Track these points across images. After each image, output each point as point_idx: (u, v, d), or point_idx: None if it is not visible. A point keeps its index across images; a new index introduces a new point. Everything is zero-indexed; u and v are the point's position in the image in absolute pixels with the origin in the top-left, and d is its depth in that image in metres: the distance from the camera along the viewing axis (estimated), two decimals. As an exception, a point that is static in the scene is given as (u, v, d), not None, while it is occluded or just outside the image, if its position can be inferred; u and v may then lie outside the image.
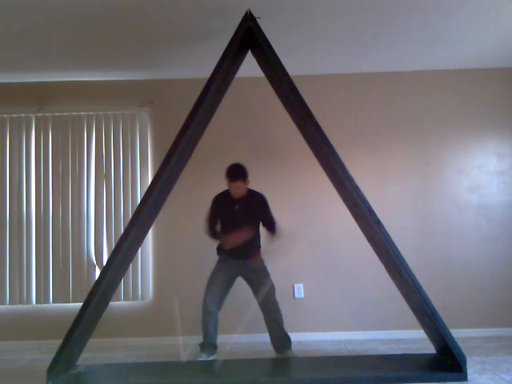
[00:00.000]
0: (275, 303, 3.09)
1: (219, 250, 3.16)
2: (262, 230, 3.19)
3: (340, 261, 3.71)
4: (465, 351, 2.64)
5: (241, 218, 3.06)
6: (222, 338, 3.18)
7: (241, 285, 3.16)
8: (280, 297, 3.16)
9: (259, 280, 3.08)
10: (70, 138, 3.80)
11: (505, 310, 3.66)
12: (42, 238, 3.72)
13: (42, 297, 3.67)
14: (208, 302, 3.04)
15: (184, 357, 3.18)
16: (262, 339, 3.48)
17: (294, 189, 3.75)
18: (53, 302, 3.67)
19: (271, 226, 3.12)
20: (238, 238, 2.99)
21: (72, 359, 2.84)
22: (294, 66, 3.23)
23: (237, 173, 3.01)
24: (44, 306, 3.68)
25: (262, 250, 3.15)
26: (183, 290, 3.68)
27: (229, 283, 3.11)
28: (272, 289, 3.09)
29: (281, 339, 3.09)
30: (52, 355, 2.62)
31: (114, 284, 3.00)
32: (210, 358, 3.04)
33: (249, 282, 3.13)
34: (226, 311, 3.19)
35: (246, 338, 3.62)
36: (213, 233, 3.14)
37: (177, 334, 3.51)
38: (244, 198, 3.10)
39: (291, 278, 3.71)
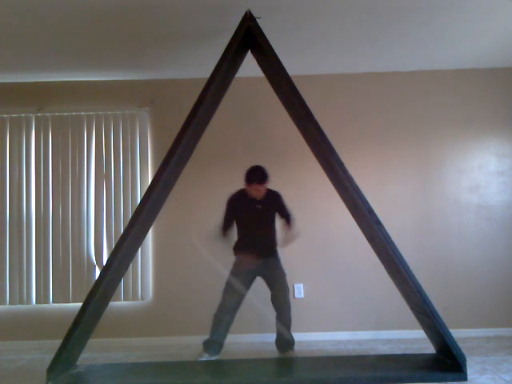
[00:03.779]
0: (288, 304, 3.13)
1: (237, 250, 3.15)
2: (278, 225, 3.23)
3: (340, 261, 3.71)
4: (465, 351, 2.64)
5: (262, 217, 3.12)
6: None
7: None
8: (280, 297, 3.15)
9: (278, 279, 3.13)
10: (69, 138, 3.79)
11: (505, 309, 3.66)
12: (42, 238, 3.72)
13: (41, 297, 3.67)
14: (227, 302, 3.04)
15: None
16: (262, 339, 3.48)
17: (293, 189, 3.74)
18: (53, 302, 3.67)
19: (289, 220, 3.18)
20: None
21: (72, 359, 2.84)
22: (294, 66, 3.24)
23: (260, 175, 3.04)
24: (44, 305, 3.68)
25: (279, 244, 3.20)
26: (183, 290, 3.68)
27: (248, 284, 3.12)
28: (287, 290, 3.14)
29: (285, 339, 3.13)
30: (52, 355, 2.62)
31: (114, 284, 3.00)
32: (213, 358, 3.02)
33: (267, 280, 3.15)
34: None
35: (245, 338, 3.62)
36: (226, 232, 3.12)
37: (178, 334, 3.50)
38: (263, 197, 3.12)
39: (291, 278, 3.66)
